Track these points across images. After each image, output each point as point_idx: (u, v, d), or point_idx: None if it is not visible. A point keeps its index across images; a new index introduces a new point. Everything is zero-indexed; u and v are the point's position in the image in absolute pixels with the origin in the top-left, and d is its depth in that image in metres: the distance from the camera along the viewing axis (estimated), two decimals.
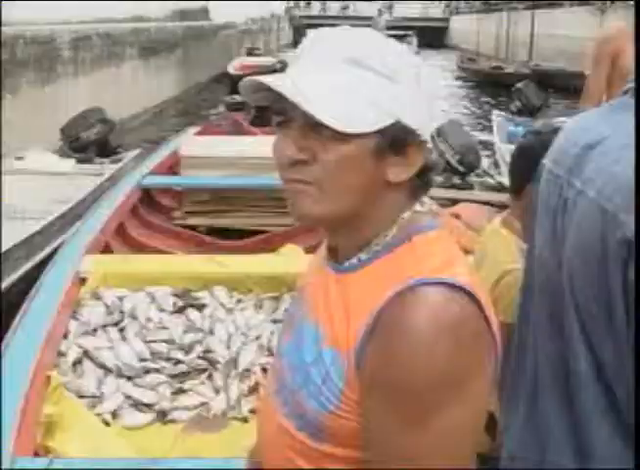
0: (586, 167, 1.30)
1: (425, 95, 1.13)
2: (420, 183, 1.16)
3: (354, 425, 1.10)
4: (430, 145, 1.14)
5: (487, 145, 10.50)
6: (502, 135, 9.42)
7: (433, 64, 30.82)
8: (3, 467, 2.44)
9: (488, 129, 13.90)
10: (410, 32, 42.37)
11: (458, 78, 25.79)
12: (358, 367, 1.07)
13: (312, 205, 1.12)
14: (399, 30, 45.70)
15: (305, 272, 1.36)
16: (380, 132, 1.08)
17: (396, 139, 1.09)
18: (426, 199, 1.20)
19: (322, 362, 1.13)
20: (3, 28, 9.71)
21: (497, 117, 10.43)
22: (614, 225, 1.18)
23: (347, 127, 1.06)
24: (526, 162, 2.28)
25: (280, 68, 16.81)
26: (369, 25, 34.78)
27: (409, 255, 1.12)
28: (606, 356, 1.23)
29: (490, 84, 22.01)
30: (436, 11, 54.25)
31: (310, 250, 4.87)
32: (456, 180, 6.90)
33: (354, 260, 1.16)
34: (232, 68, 19.78)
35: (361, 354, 1.07)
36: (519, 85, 11.32)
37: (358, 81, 1.08)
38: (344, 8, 54.74)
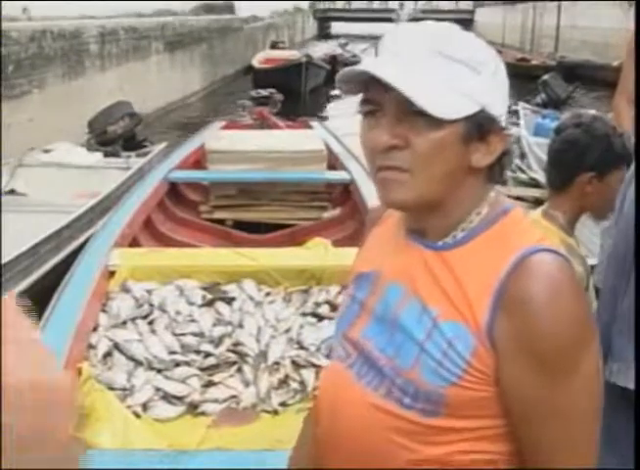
0: None
1: (502, 85, 1.20)
2: (498, 168, 1.22)
3: (478, 394, 1.14)
4: (507, 131, 1.21)
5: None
6: (529, 127, 9.35)
7: None
8: None
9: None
10: None
11: None
12: (490, 338, 1.12)
13: (405, 191, 1.16)
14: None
15: (362, 257, 1.38)
16: (467, 119, 1.14)
17: (481, 126, 1.16)
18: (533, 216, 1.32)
19: (441, 337, 1.15)
20: (30, 23, 9.77)
21: (524, 109, 10.33)
22: None
23: (441, 114, 1.12)
24: (574, 154, 2.32)
25: (306, 61, 16.71)
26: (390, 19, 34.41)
27: (511, 228, 1.20)
28: None
29: (516, 76, 21.89)
30: (463, 3, 53.97)
31: (338, 243, 4.87)
32: None
33: (449, 239, 1.21)
34: (256, 61, 19.76)
35: (492, 325, 1.12)
36: (545, 77, 11.23)
37: (448, 72, 1.14)
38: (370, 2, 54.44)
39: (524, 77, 21.16)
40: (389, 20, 33.75)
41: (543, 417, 1.14)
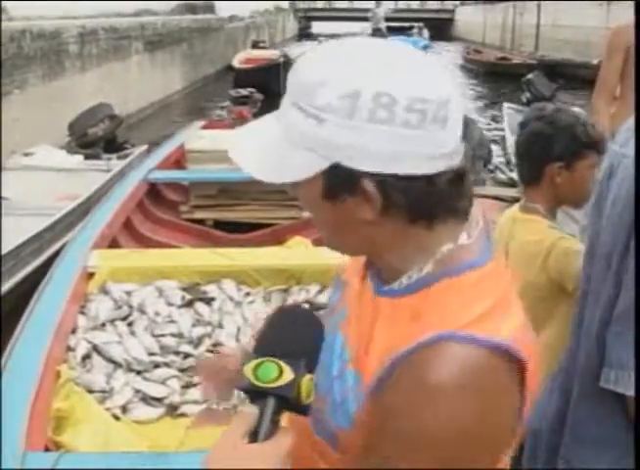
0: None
1: (371, 130, 0.98)
2: (419, 204, 1.03)
3: (361, 443, 1.10)
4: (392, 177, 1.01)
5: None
6: (513, 127, 9.37)
7: (444, 55, 30.76)
8: (12, 463, 2.45)
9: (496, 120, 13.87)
10: (419, 24, 42.11)
11: (464, 69, 25.73)
12: (374, 401, 1.06)
13: (326, 243, 1.15)
14: (404, 22, 45.47)
15: (351, 265, 1.29)
16: (323, 175, 1.02)
17: (343, 181, 1.02)
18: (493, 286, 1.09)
19: (344, 381, 1.14)
20: (10, 23, 9.71)
21: (508, 108, 10.36)
22: None
23: (278, 179, 1.04)
24: (540, 146, 2.37)
25: (283, 61, 16.72)
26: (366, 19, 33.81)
27: (446, 296, 1.05)
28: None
29: (497, 75, 21.92)
30: (440, 3, 54.09)
31: (318, 242, 4.87)
32: None
33: (394, 286, 1.10)
34: (237, 61, 19.72)
35: (377, 392, 1.06)
36: (529, 76, 11.26)
37: (297, 126, 1.01)
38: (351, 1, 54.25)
39: (504, 76, 21.25)
40: (368, 19, 33.51)
41: None
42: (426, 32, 35.17)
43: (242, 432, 0.99)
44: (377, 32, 29.95)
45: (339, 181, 1.01)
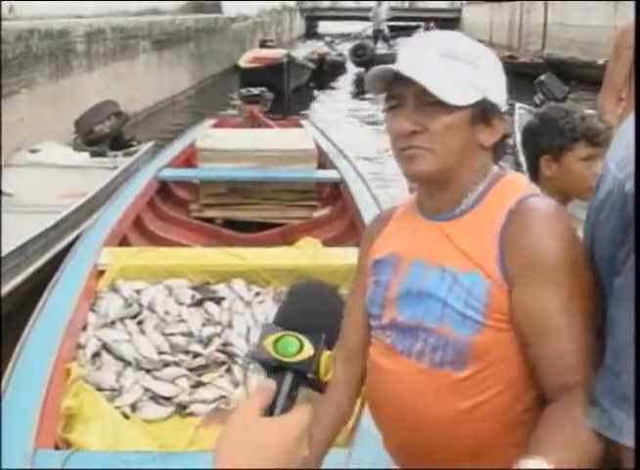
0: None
1: (499, 77, 1.48)
2: (501, 147, 1.49)
3: (499, 337, 1.36)
4: (505, 117, 1.48)
5: None
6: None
7: None
8: (22, 460, 2.44)
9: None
10: (430, 24, 41.91)
11: None
12: (502, 272, 1.35)
13: (426, 164, 1.42)
14: (410, 21, 45.34)
15: (376, 247, 1.59)
16: (473, 106, 1.41)
17: (485, 111, 1.43)
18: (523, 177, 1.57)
19: (461, 288, 1.38)
20: (17, 23, 9.71)
21: (520, 108, 10.31)
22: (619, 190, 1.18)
23: (452, 101, 1.38)
24: (531, 141, 2.48)
25: (287, 61, 16.72)
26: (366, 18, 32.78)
27: (507, 185, 1.46)
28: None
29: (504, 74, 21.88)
30: (448, 2, 53.97)
31: (327, 242, 4.86)
32: None
33: (462, 207, 1.46)
34: (243, 61, 19.68)
35: (501, 261, 1.36)
36: (541, 77, 11.17)
37: (454, 69, 1.41)
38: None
39: (511, 75, 21.06)
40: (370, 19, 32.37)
41: (549, 329, 1.32)
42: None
43: (258, 406, 0.99)
44: (378, 34, 29.12)
45: (482, 111, 1.42)
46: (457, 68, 1.41)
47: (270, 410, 1.00)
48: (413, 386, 1.43)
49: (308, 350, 1.03)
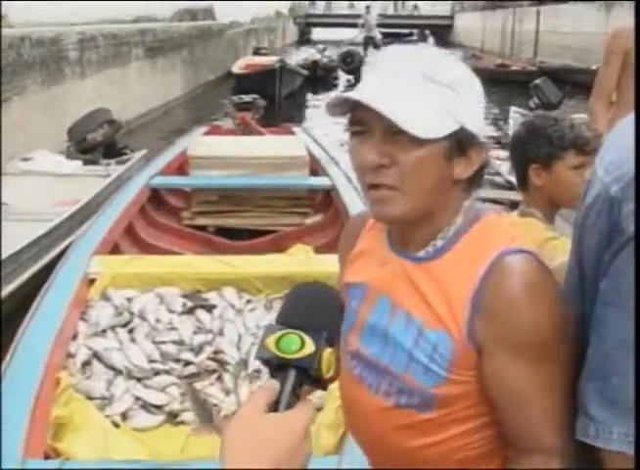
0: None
1: (479, 104, 1.31)
2: (477, 178, 1.34)
3: (462, 389, 1.30)
4: (485, 145, 1.32)
5: None
6: None
7: None
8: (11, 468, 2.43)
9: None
10: (415, 31, 41.97)
11: None
12: (472, 338, 1.26)
13: (395, 208, 1.27)
14: (403, 28, 45.38)
15: (351, 267, 1.49)
16: (449, 137, 1.25)
17: (461, 142, 1.27)
18: (503, 219, 1.42)
19: (426, 343, 1.30)
20: (9, 30, 9.71)
21: (515, 112, 10.34)
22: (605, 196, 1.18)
23: (423, 134, 1.22)
24: (520, 150, 2.45)
25: (279, 67, 16.76)
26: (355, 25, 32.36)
27: (484, 232, 1.32)
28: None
29: (495, 82, 21.91)
30: (442, 8, 54.04)
31: (319, 249, 4.85)
32: None
33: (430, 249, 1.33)
34: (237, 67, 19.72)
35: (472, 326, 1.26)
36: (536, 82, 11.18)
37: (430, 94, 1.24)
38: (351, 7, 53.92)
39: (503, 83, 21.23)
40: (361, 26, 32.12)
41: (523, 401, 1.28)
42: (430, 40, 34.30)
43: (263, 404, 1.01)
44: (369, 41, 28.83)
45: (459, 142, 1.26)
46: (432, 93, 1.24)
47: (274, 408, 1.02)
48: (378, 421, 1.40)
49: (310, 347, 1.06)
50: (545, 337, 1.25)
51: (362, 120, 1.26)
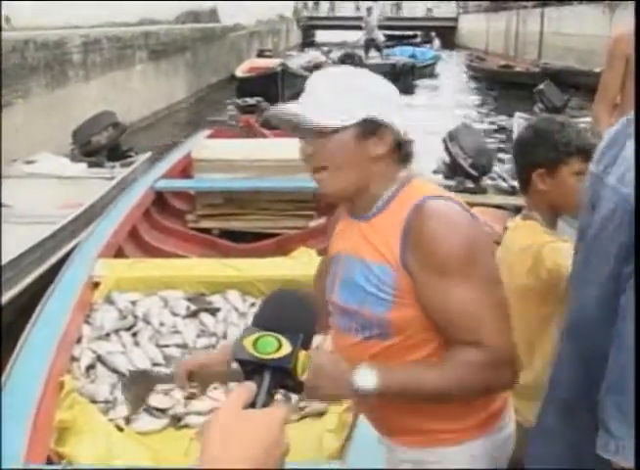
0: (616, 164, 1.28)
1: (384, 98, 1.69)
2: (402, 152, 1.71)
3: (411, 313, 1.63)
4: (397, 127, 1.68)
5: None
6: None
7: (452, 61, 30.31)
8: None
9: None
10: (419, 33, 41.75)
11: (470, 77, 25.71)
12: (405, 266, 1.61)
13: (329, 187, 1.70)
14: (407, 30, 45.25)
15: (332, 245, 1.89)
16: (357, 124, 1.64)
17: (370, 127, 1.65)
18: (431, 182, 1.79)
19: (373, 276, 1.66)
20: (13, 33, 9.72)
21: (519, 117, 10.30)
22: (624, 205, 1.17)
23: (324, 124, 1.63)
24: (524, 154, 2.46)
25: (281, 70, 16.79)
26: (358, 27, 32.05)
27: (412, 189, 1.68)
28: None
29: (500, 83, 21.89)
30: (445, 10, 53.94)
31: (323, 252, 4.84)
32: (469, 184, 6.77)
33: (374, 210, 1.72)
34: (240, 70, 19.71)
35: (404, 256, 1.60)
36: (540, 86, 11.14)
37: (340, 98, 1.64)
38: (358, 9, 53.53)
39: (507, 84, 21.22)
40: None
41: (456, 313, 1.58)
42: (437, 42, 33.70)
43: (240, 404, 1.04)
44: (370, 43, 28.43)
45: (367, 127, 1.64)
46: (334, 96, 1.64)
47: (251, 408, 1.04)
48: (353, 355, 1.67)
49: (287, 347, 1.11)
50: (458, 258, 1.56)
51: (295, 129, 1.68)
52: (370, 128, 1.65)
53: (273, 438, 1.00)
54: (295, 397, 3.13)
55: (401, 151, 1.71)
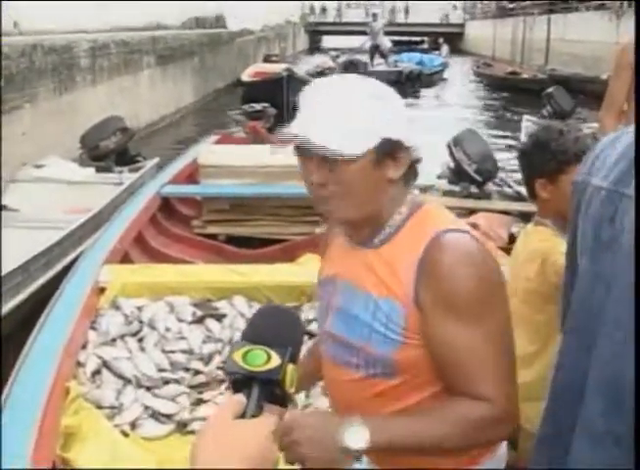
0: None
1: (400, 115, 1.55)
2: (411, 174, 1.60)
3: (418, 353, 1.53)
4: (412, 147, 1.56)
5: None
6: None
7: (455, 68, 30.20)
8: None
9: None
10: (425, 38, 41.77)
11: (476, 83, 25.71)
12: (416, 302, 1.50)
13: (340, 214, 1.56)
14: (414, 36, 45.29)
15: (323, 266, 1.78)
16: (374, 148, 1.50)
17: (388, 149, 1.52)
18: (444, 208, 1.66)
19: (381, 313, 1.54)
20: (21, 38, 9.76)
21: (527, 121, 10.30)
22: None
23: (348, 153, 1.47)
24: (526, 163, 2.49)
25: (287, 75, 16.81)
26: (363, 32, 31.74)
27: (425, 218, 1.57)
28: None
29: (506, 89, 21.90)
30: (452, 16, 53.94)
31: None
32: (473, 189, 6.77)
33: (381, 237, 1.59)
34: (246, 75, 19.71)
35: (417, 293, 1.49)
36: (549, 90, 11.13)
37: (350, 118, 1.47)
38: (367, 14, 53.44)
39: (514, 90, 21.23)
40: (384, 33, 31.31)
41: (463, 357, 1.48)
42: (446, 48, 33.08)
43: (230, 415, 1.07)
44: (375, 49, 28.09)
45: (385, 150, 1.51)
46: (351, 118, 1.48)
47: (240, 418, 1.08)
48: (353, 392, 1.61)
49: (276, 360, 1.14)
50: (475, 300, 1.47)
51: (301, 149, 1.52)
52: (387, 150, 1.52)
53: (262, 447, 1.02)
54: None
55: (412, 171, 1.60)
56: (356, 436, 1.41)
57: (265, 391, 1.12)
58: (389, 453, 1.57)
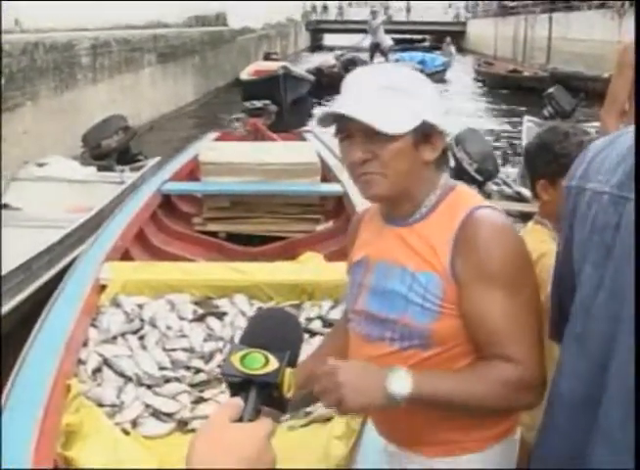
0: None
1: (436, 102, 1.71)
2: (443, 159, 1.73)
3: (454, 323, 1.62)
4: (445, 132, 1.69)
5: None
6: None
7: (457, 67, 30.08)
8: None
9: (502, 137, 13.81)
10: (427, 37, 41.68)
11: (476, 81, 25.66)
12: (453, 275, 1.60)
13: (380, 189, 1.65)
14: (415, 34, 45.22)
15: (354, 250, 1.85)
16: (414, 130, 1.63)
17: (425, 132, 1.65)
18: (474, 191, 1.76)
19: (419, 285, 1.63)
20: (22, 36, 9.75)
21: (528, 121, 10.27)
22: None
23: (395, 131, 1.60)
24: (529, 164, 2.49)
25: (283, 73, 16.78)
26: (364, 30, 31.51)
27: (459, 197, 1.69)
28: None
29: (508, 88, 21.88)
30: (452, 15, 53.85)
31: (330, 256, 4.84)
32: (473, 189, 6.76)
33: (417, 215, 1.70)
34: (245, 73, 19.66)
35: (453, 265, 1.60)
36: (550, 90, 11.09)
37: (393, 99, 1.62)
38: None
39: (516, 89, 21.20)
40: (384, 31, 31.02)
41: (499, 322, 1.58)
42: (452, 48, 32.13)
43: (226, 418, 1.06)
44: (375, 48, 27.78)
45: (423, 133, 1.64)
46: (396, 99, 1.62)
47: (238, 422, 1.07)
48: (387, 364, 1.61)
49: (274, 363, 1.13)
50: (510, 270, 1.58)
51: (346, 128, 1.64)
52: (425, 133, 1.64)
53: (258, 449, 1.02)
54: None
55: (444, 156, 1.73)
56: (401, 382, 1.51)
57: (263, 394, 1.12)
58: (417, 427, 1.70)
